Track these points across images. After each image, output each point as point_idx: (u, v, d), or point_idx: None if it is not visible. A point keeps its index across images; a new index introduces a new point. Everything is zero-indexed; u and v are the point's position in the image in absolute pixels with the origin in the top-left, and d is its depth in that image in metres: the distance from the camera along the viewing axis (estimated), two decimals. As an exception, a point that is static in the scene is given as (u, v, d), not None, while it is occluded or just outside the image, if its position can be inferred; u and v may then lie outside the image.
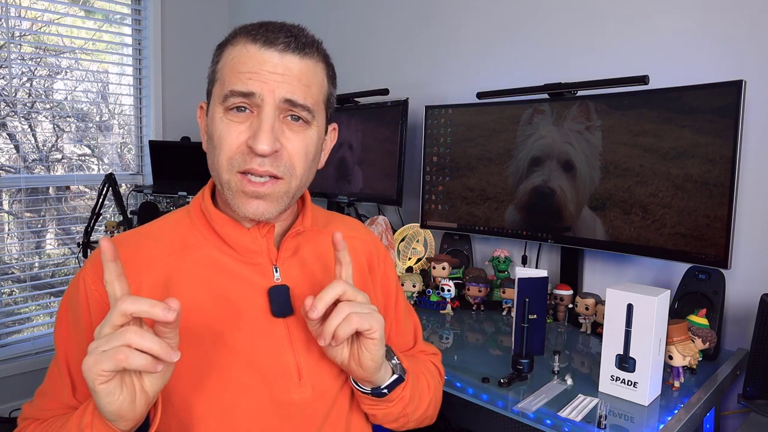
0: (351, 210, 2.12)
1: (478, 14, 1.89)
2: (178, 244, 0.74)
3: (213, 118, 0.70)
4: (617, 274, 1.57)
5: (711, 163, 1.22)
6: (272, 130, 0.67)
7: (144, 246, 0.73)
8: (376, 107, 1.94)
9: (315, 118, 0.72)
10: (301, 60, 0.69)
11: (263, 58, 0.68)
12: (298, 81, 0.69)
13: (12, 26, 2.41)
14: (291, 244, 0.78)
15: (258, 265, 0.74)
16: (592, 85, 1.45)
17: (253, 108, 0.68)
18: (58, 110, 2.57)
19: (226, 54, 0.71)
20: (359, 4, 2.30)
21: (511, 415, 0.96)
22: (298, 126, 0.70)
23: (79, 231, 2.65)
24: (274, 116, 0.68)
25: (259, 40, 0.68)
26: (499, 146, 1.62)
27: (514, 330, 1.12)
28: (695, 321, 1.15)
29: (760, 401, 1.09)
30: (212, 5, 2.91)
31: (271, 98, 0.67)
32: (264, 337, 0.72)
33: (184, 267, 0.72)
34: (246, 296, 0.73)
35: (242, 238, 0.74)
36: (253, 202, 0.69)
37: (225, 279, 0.73)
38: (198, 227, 0.76)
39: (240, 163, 0.68)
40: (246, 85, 0.67)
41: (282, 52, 0.68)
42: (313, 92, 0.71)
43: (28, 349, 2.43)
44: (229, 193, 0.70)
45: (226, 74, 0.69)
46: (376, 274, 0.87)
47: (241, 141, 0.68)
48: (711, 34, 1.39)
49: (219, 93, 0.70)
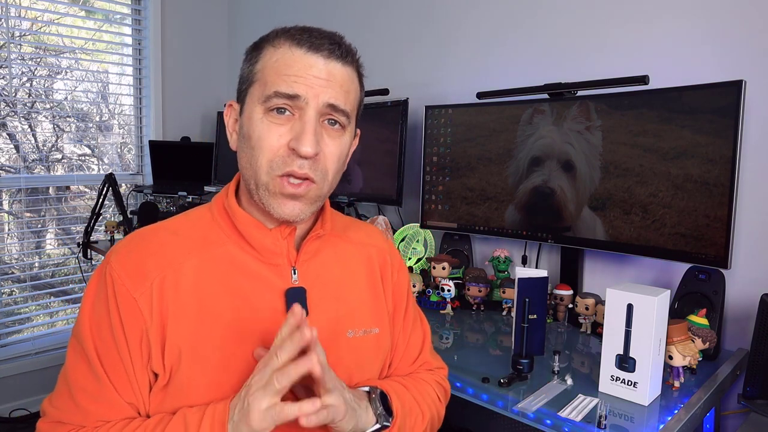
0: (351, 210, 2.12)
1: (478, 14, 1.89)
2: (199, 240, 0.75)
3: (251, 118, 0.71)
4: (617, 274, 1.57)
5: (711, 163, 1.22)
6: (315, 133, 0.69)
7: (169, 242, 0.74)
8: (376, 107, 1.94)
9: (350, 123, 0.75)
10: (343, 67, 0.72)
11: (309, 63, 0.69)
12: (341, 87, 0.71)
13: (12, 26, 2.41)
14: (311, 248, 0.78)
15: (277, 266, 0.75)
16: (592, 85, 1.45)
17: (295, 110, 0.70)
18: (58, 110, 2.57)
19: (266, 55, 0.72)
20: (359, 4, 2.30)
21: (511, 415, 0.96)
22: (335, 131, 0.73)
23: (79, 231, 2.65)
24: (316, 120, 0.70)
25: (304, 45, 0.70)
26: (499, 146, 1.62)
27: (514, 330, 1.12)
28: (695, 321, 1.15)
29: (760, 401, 1.09)
30: (212, 5, 2.91)
31: (315, 102, 0.69)
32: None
33: (204, 264, 0.73)
34: (263, 296, 0.74)
35: (264, 239, 0.75)
36: (289, 203, 0.71)
37: (243, 278, 0.73)
38: (220, 224, 0.76)
39: (280, 166, 0.69)
40: (291, 88, 0.68)
41: (327, 58, 0.70)
42: (351, 99, 0.74)
43: (28, 349, 2.44)
44: (266, 194, 0.71)
45: (268, 75, 0.70)
46: (387, 283, 0.88)
47: (282, 143, 0.69)
48: (711, 34, 1.39)
49: (259, 93, 0.71)
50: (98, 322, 0.70)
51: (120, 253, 0.72)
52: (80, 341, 0.71)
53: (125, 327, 0.68)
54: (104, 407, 0.69)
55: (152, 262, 0.71)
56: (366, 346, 0.81)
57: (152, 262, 0.71)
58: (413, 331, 0.92)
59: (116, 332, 0.69)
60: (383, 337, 0.84)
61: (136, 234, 0.76)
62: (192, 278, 0.71)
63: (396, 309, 0.89)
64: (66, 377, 0.72)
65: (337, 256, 0.82)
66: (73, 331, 0.73)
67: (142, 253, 0.72)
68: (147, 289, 0.69)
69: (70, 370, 0.71)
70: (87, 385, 0.70)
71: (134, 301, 0.69)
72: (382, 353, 0.84)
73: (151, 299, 0.69)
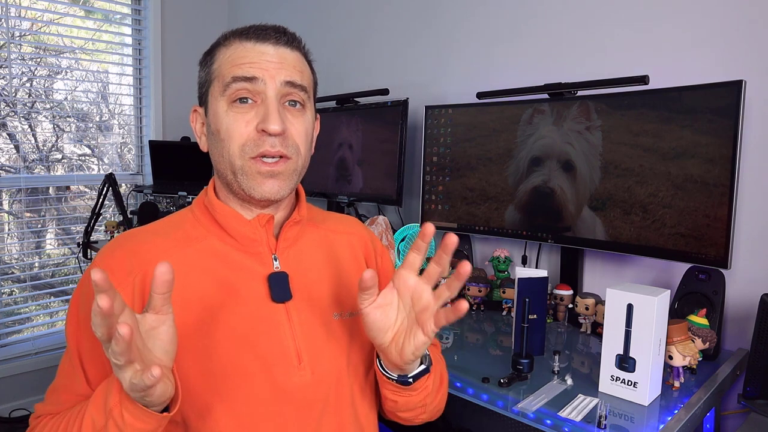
0: (351, 210, 2.12)
1: (478, 14, 1.89)
2: (181, 239, 0.77)
3: (216, 114, 0.75)
4: (617, 274, 1.57)
5: (711, 163, 1.22)
6: (279, 111, 0.73)
7: (149, 241, 0.76)
8: (376, 107, 1.94)
9: (309, 100, 0.79)
10: (292, 51, 0.77)
11: (260, 50, 0.74)
12: (293, 67, 0.76)
13: (12, 26, 2.41)
14: (290, 234, 0.80)
15: (258, 254, 0.77)
16: (592, 85, 1.45)
17: (256, 97, 0.73)
18: (58, 110, 2.57)
19: (219, 55, 0.76)
20: (359, 4, 2.30)
21: (511, 415, 0.96)
22: (297, 110, 0.76)
23: (79, 231, 2.65)
24: (277, 100, 0.74)
25: (252, 38, 0.75)
26: (499, 146, 1.62)
27: (514, 330, 1.12)
28: (695, 321, 1.15)
29: (760, 401, 1.09)
30: (212, 5, 2.91)
31: (272, 83, 0.73)
32: (264, 322, 0.74)
33: (187, 259, 0.74)
34: (246, 283, 0.75)
35: (243, 228, 0.77)
36: (268, 182, 0.74)
37: (226, 268, 0.75)
38: (201, 221, 0.79)
39: (252, 149, 0.73)
40: (248, 71, 0.72)
41: (275, 45, 0.75)
42: (306, 77, 0.78)
43: (28, 349, 2.44)
44: (243, 177, 0.74)
45: (224, 69, 0.74)
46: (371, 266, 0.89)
47: (251, 128, 0.73)
48: (711, 34, 1.39)
49: (219, 87, 0.74)
50: (84, 318, 0.72)
51: (104, 253, 0.75)
52: (66, 339, 0.74)
53: None
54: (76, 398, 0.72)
55: (136, 260, 0.73)
56: (354, 327, 0.81)
57: (136, 260, 0.73)
58: None
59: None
60: None
61: (121, 236, 0.79)
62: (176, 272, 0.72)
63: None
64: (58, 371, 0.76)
65: (317, 242, 0.85)
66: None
67: (125, 251, 0.74)
68: (129, 285, 0.71)
69: (59, 368, 0.76)
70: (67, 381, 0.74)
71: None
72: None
73: (132, 294, 0.71)
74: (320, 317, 0.78)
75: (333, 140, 2.09)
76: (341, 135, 2.06)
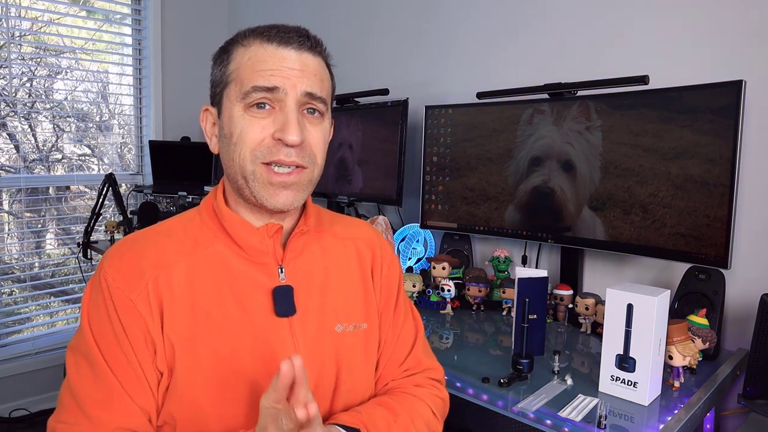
0: (351, 210, 2.12)
1: (478, 14, 1.89)
2: (189, 242, 0.75)
3: (231, 117, 0.72)
4: (617, 274, 1.57)
5: (711, 163, 1.22)
6: (298, 121, 0.71)
7: (160, 243, 0.75)
8: (376, 107, 1.94)
9: (327, 110, 0.77)
10: (314, 57, 0.74)
11: (282, 56, 0.71)
12: (315, 75, 0.73)
13: (12, 26, 2.41)
14: (296, 245, 0.79)
15: (264, 264, 0.76)
16: (592, 85, 1.45)
17: (275, 103, 0.71)
18: (58, 110, 2.57)
19: (237, 55, 0.73)
20: (359, 4, 2.30)
21: (511, 415, 0.96)
22: (315, 119, 0.75)
23: (79, 231, 2.65)
24: (297, 109, 0.72)
25: (274, 40, 0.72)
26: (499, 146, 1.62)
27: (514, 330, 1.12)
28: (695, 321, 1.15)
29: (760, 401, 1.09)
30: (212, 5, 2.91)
31: (293, 92, 0.71)
32: (268, 335, 0.73)
33: (194, 264, 0.73)
34: (251, 295, 0.74)
35: (250, 237, 0.75)
36: (282, 193, 0.72)
37: (232, 278, 0.74)
38: (209, 225, 0.77)
39: (265, 155, 0.71)
40: (269, 81, 0.70)
41: (298, 50, 0.72)
42: (326, 86, 0.76)
43: (28, 349, 2.43)
44: (255, 184, 0.72)
45: (243, 73, 0.72)
46: (377, 277, 0.87)
47: (266, 135, 0.71)
48: (711, 34, 1.39)
49: (237, 92, 0.72)
50: (100, 329, 0.70)
51: (113, 257, 0.73)
52: (85, 352, 0.70)
53: (126, 329, 0.69)
54: (117, 414, 0.68)
55: (146, 263, 0.71)
56: (355, 341, 0.80)
57: (146, 263, 0.71)
58: (404, 326, 0.89)
59: (119, 336, 0.69)
60: (372, 333, 0.83)
61: (127, 238, 0.77)
62: (184, 278, 0.72)
63: (386, 303, 0.87)
64: (71, 391, 0.69)
65: (324, 251, 0.83)
66: (72, 344, 0.72)
67: (134, 254, 0.73)
68: (143, 290, 0.69)
69: (74, 383, 0.69)
70: (96, 394, 0.68)
71: (131, 303, 0.69)
72: (371, 351, 0.83)
73: (148, 298, 0.69)
74: (323, 330, 0.77)
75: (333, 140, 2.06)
76: (341, 135, 2.06)
